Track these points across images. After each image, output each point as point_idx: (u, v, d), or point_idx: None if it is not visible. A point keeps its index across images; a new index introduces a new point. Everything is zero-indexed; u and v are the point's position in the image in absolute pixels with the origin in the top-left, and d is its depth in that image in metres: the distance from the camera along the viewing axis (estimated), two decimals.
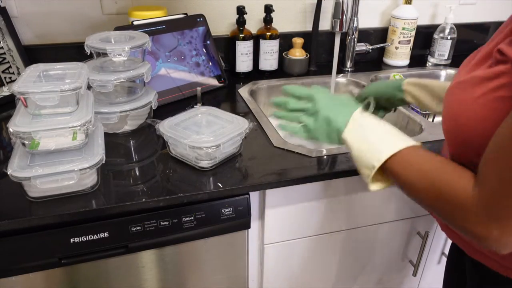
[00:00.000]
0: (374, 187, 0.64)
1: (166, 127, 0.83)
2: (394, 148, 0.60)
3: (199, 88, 1.06)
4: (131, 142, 0.94)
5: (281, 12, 1.35)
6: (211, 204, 0.81)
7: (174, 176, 0.81)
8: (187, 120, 0.87)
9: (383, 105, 0.94)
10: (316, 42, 1.37)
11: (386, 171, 0.62)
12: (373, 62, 1.49)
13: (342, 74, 1.37)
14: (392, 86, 0.90)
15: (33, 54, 1.15)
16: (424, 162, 0.59)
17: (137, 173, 0.83)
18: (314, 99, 0.71)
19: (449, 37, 1.42)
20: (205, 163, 0.82)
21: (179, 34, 1.14)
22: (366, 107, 0.98)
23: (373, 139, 0.63)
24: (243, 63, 1.29)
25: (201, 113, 0.90)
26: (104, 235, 0.75)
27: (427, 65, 1.48)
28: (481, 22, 1.56)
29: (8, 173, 0.68)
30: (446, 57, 1.45)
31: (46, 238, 0.73)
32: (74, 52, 1.18)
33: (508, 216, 0.48)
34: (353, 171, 0.85)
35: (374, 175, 0.62)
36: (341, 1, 1.12)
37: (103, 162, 0.74)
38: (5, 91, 1.09)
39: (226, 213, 0.82)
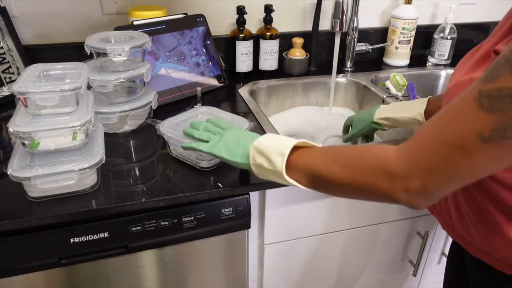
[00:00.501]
0: (291, 180, 0.62)
1: (167, 127, 0.83)
2: (304, 140, 0.63)
3: (199, 88, 1.06)
4: (131, 142, 0.94)
5: (281, 12, 1.35)
6: (211, 204, 0.81)
7: (174, 176, 0.81)
8: (188, 120, 0.87)
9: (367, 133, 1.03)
10: (316, 42, 1.37)
11: (297, 167, 0.61)
12: (373, 62, 1.49)
13: (342, 74, 1.37)
14: (368, 122, 0.96)
15: (33, 54, 1.15)
16: (339, 147, 0.61)
17: (137, 173, 0.83)
18: (228, 127, 0.74)
19: (449, 37, 1.42)
20: (205, 163, 0.82)
21: (179, 34, 1.14)
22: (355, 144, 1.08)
23: (285, 138, 0.64)
24: (243, 63, 1.29)
25: (201, 113, 0.90)
26: (104, 235, 0.75)
27: (427, 65, 1.48)
28: (481, 22, 1.56)
29: (8, 173, 0.68)
30: (446, 57, 1.45)
31: (46, 238, 0.73)
32: (74, 52, 1.18)
33: (430, 170, 0.49)
34: None
35: (288, 171, 0.61)
36: (341, 1, 1.12)
37: (103, 162, 0.74)
38: (5, 91, 1.09)
39: (226, 213, 0.82)
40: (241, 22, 1.25)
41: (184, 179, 0.80)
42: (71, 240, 0.73)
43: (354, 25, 1.34)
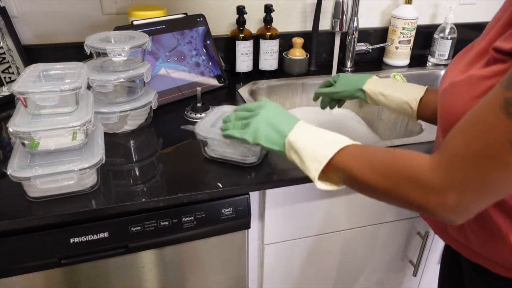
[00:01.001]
0: (321, 185, 0.63)
1: (205, 129, 0.81)
2: (343, 143, 0.61)
3: (199, 88, 1.06)
4: (131, 142, 0.94)
5: (281, 12, 1.35)
6: (211, 204, 0.81)
7: (222, 176, 0.81)
8: (218, 120, 0.85)
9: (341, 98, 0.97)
10: (316, 42, 1.37)
11: (335, 168, 0.61)
12: (373, 62, 1.49)
13: None
14: (355, 87, 0.91)
15: (33, 54, 1.15)
16: (375, 151, 0.59)
17: (137, 173, 0.83)
18: (262, 105, 0.71)
19: (449, 37, 1.42)
20: (252, 159, 0.82)
21: (179, 34, 1.14)
22: (324, 105, 1.01)
23: (322, 139, 0.63)
24: (243, 63, 1.29)
25: (227, 112, 0.88)
26: (104, 235, 0.75)
27: (427, 65, 1.48)
28: (481, 22, 1.56)
29: (8, 173, 0.68)
30: (446, 57, 1.45)
31: (46, 238, 0.73)
32: (74, 52, 1.18)
33: (466, 184, 0.48)
34: None
35: (322, 174, 0.62)
36: (341, 1, 1.12)
37: (103, 162, 0.74)
38: (4, 91, 1.09)
39: (226, 213, 0.82)
40: (241, 22, 1.25)
41: (232, 177, 0.80)
42: (71, 240, 0.73)
43: (354, 25, 1.34)
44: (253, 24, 1.34)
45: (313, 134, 0.64)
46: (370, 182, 0.57)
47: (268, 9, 1.26)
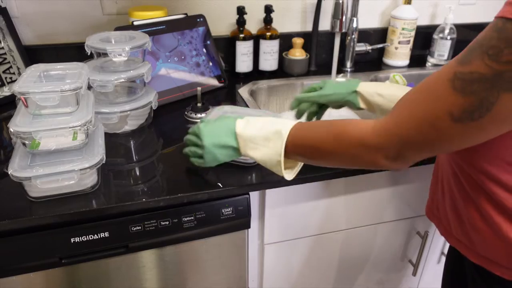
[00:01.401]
0: (290, 176, 0.70)
1: None
2: (283, 136, 0.66)
3: (199, 88, 1.06)
4: (132, 142, 0.94)
5: (281, 12, 1.35)
6: (211, 204, 0.81)
7: (222, 176, 0.81)
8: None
9: (327, 104, 0.91)
10: (316, 42, 1.37)
11: (291, 156, 0.67)
12: (373, 62, 1.50)
13: (342, 74, 1.37)
14: (349, 90, 0.86)
15: (34, 54, 1.16)
16: (317, 128, 0.64)
17: (137, 173, 0.83)
18: (199, 133, 0.74)
19: (448, 37, 1.42)
20: (252, 160, 0.82)
21: (179, 34, 1.15)
22: (300, 114, 0.91)
23: (268, 144, 0.68)
24: (243, 63, 1.30)
25: (228, 113, 0.88)
26: (104, 235, 0.75)
27: (426, 65, 1.48)
28: (481, 22, 1.56)
29: (9, 173, 0.68)
30: (445, 57, 1.45)
31: (46, 238, 0.73)
32: (74, 52, 1.18)
33: (406, 144, 0.54)
34: (352, 171, 0.85)
35: (285, 166, 0.68)
36: (341, 1, 1.12)
37: (103, 162, 0.74)
38: (5, 91, 1.09)
39: (226, 213, 0.82)
40: (241, 22, 1.25)
41: (234, 177, 0.81)
42: (72, 240, 0.74)
43: (354, 26, 1.34)
44: (253, 24, 1.34)
45: (257, 142, 0.68)
46: (323, 161, 0.64)
47: (268, 9, 1.27)
